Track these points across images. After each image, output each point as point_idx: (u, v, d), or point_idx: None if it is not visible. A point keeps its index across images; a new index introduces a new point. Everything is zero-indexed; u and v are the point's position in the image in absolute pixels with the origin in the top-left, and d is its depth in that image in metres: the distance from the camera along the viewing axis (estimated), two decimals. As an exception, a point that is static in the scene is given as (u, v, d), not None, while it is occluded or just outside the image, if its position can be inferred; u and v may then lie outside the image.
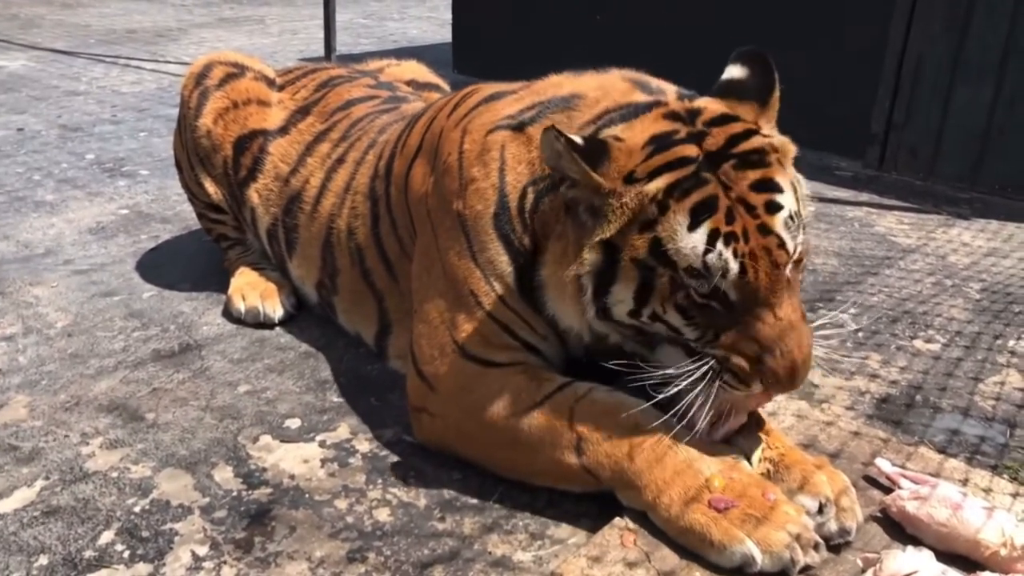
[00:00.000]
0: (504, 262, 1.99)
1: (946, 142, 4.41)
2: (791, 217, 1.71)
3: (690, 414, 1.75)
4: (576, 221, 1.82)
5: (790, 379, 1.68)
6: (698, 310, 1.72)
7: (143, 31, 8.86)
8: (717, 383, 1.73)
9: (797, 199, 1.76)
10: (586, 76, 2.06)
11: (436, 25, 9.81)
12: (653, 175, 1.72)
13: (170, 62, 7.28)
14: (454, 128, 2.16)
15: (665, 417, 1.86)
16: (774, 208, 1.70)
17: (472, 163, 2.05)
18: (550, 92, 2.06)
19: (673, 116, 1.80)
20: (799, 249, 1.72)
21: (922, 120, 4.46)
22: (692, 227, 1.67)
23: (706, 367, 1.73)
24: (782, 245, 1.68)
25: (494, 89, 2.24)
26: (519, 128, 2.02)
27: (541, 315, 1.99)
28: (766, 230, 1.68)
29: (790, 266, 1.70)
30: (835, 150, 4.75)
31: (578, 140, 1.73)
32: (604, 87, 1.97)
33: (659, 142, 1.75)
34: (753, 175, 1.72)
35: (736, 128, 1.78)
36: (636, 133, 1.78)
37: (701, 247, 1.66)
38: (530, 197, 1.96)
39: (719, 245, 1.66)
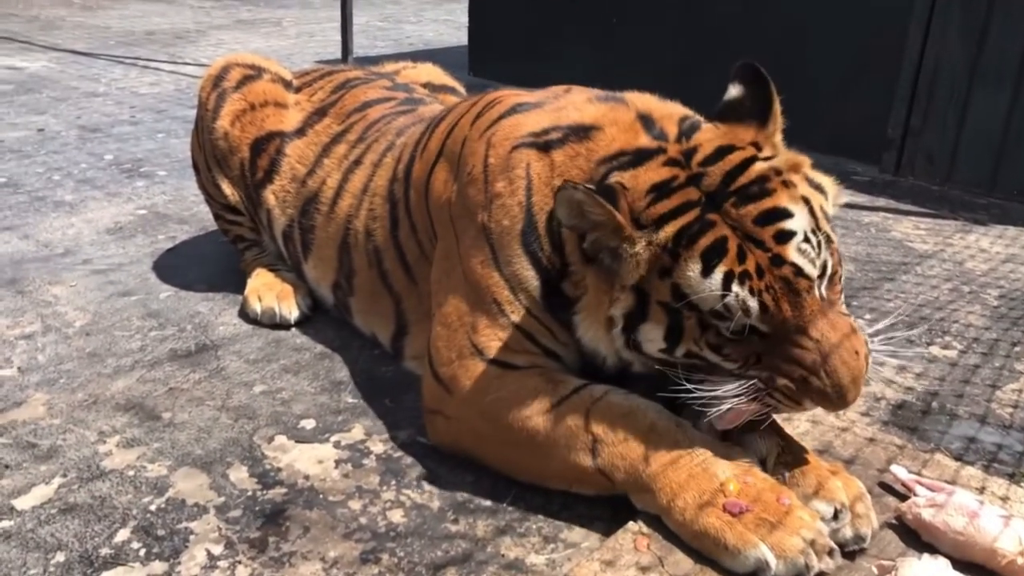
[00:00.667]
0: (530, 276, 2.00)
1: (963, 148, 4.38)
2: (806, 239, 1.69)
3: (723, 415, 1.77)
4: (601, 267, 1.84)
5: (840, 398, 1.67)
6: (733, 345, 1.73)
7: (162, 33, 8.93)
8: (764, 398, 1.74)
9: (813, 214, 1.75)
10: (601, 104, 2.05)
11: (452, 28, 9.83)
12: (660, 222, 1.75)
13: (188, 64, 7.33)
14: (478, 139, 2.17)
15: (681, 420, 1.86)
16: (784, 237, 1.69)
17: (497, 178, 2.06)
18: (573, 116, 2.04)
19: (671, 162, 1.82)
20: (828, 265, 1.71)
21: (939, 126, 4.43)
22: (705, 272, 1.69)
23: (751, 385, 1.73)
24: (799, 272, 1.67)
25: (516, 100, 2.24)
26: (544, 149, 2.02)
27: (563, 325, 2.01)
28: (780, 261, 1.68)
29: (822, 285, 1.70)
30: (852, 155, 4.73)
31: (591, 187, 1.77)
32: (617, 122, 1.97)
33: (659, 189, 1.78)
34: (755, 208, 1.72)
35: (733, 161, 1.78)
36: (639, 181, 1.80)
37: (718, 291, 1.68)
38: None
39: (735, 287, 1.67)
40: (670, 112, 1.99)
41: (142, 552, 1.82)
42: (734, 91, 1.91)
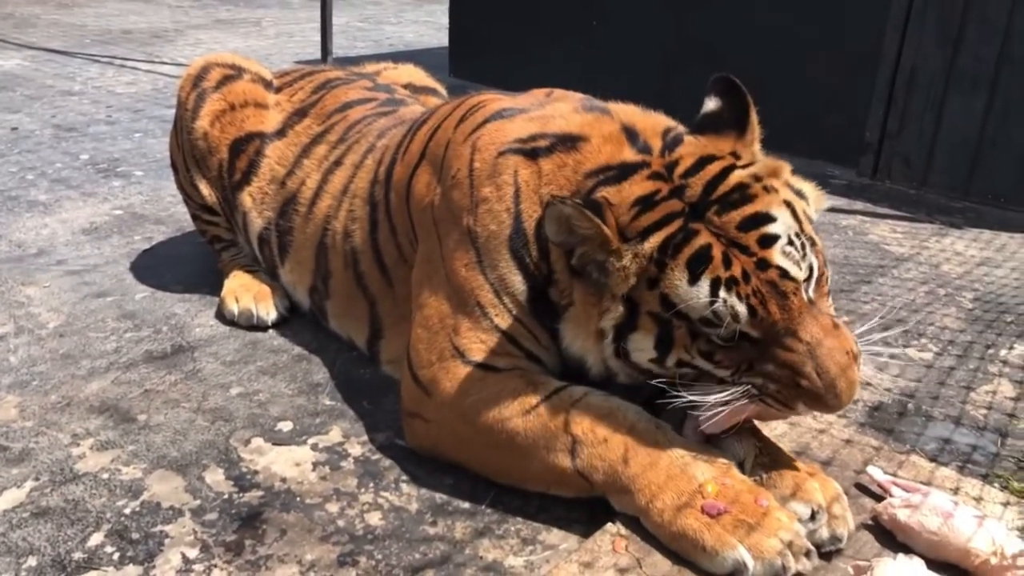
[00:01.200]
0: (517, 281, 2.00)
1: (939, 152, 4.43)
2: (790, 242, 1.72)
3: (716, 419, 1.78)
4: (588, 280, 1.85)
5: (834, 397, 1.66)
6: (724, 352, 1.74)
7: (139, 32, 8.85)
8: (757, 402, 1.74)
9: (796, 218, 1.78)
10: (587, 115, 2.06)
11: (433, 29, 9.82)
12: (645, 234, 1.77)
13: (166, 63, 7.27)
14: (462, 142, 2.17)
15: (660, 422, 1.87)
16: (768, 241, 1.71)
17: (483, 182, 2.06)
18: (559, 124, 2.05)
19: (655, 176, 1.84)
20: (813, 268, 1.73)
21: (916, 130, 4.48)
22: (692, 281, 1.71)
23: (745, 391, 1.74)
24: (785, 275, 1.69)
25: (501, 104, 2.24)
26: (531, 156, 2.03)
27: (547, 330, 2.01)
28: (765, 265, 1.70)
29: (809, 288, 1.72)
30: (829, 159, 4.77)
31: (579, 201, 1.79)
32: (602, 134, 1.98)
33: (644, 203, 1.80)
34: (738, 215, 1.74)
35: (712, 171, 1.81)
36: (624, 196, 1.82)
37: (706, 299, 1.69)
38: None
39: (722, 293, 1.69)
40: (653, 124, 2.01)
41: (116, 556, 1.80)
42: (711, 104, 1.95)
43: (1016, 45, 4.07)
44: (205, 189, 3.00)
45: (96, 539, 1.85)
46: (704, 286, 1.70)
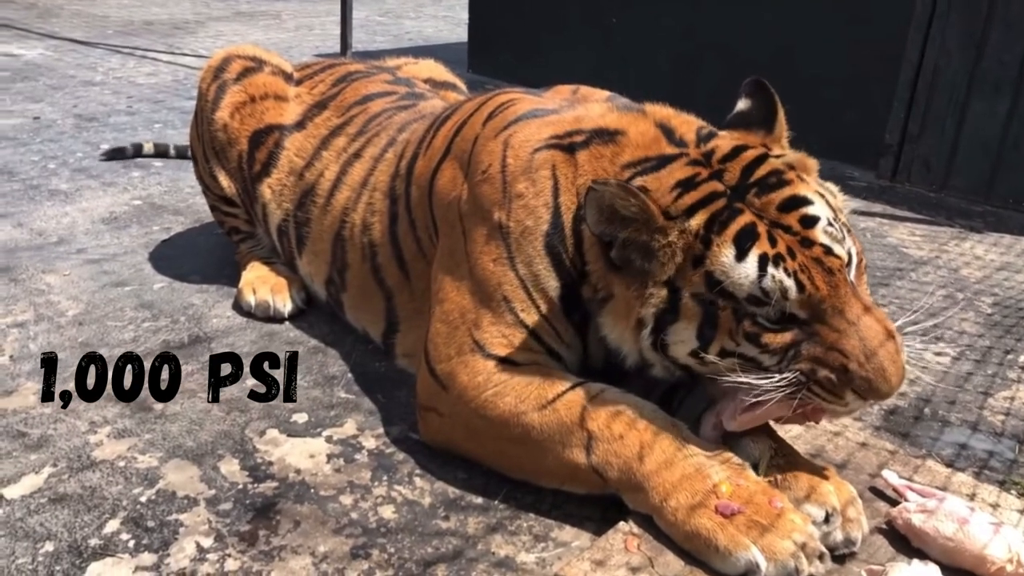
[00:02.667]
0: (551, 277, 2.00)
1: (960, 155, 4.39)
2: (830, 224, 1.74)
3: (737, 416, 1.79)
4: (630, 269, 1.85)
5: (885, 382, 1.64)
6: (771, 335, 1.73)
7: (160, 23, 8.90)
8: (802, 394, 1.71)
9: (830, 206, 1.80)
10: (622, 114, 2.07)
11: (452, 24, 9.82)
12: (691, 211, 1.78)
13: (186, 54, 7.31)
14: (493, 138, 2.16)
15: (676, 420, 1.87)
16: (809, 221, 1.73)
17: (517, 178, 2.06)
18: (596, 121, 2.06)
19: (694, 162, 1.88)
20: (852, 252, 1.75)
21: (937, 132, 4.44)
22: (740, 257, 1.71)
23: (793, 379, 1.71)
24: (829, 252, 1.71)
25: (531, 104, 2.24)
26: (568, 150, 2.03)
27: (573, 326, 2.02)
28: (809, 242, 1.72)
29: (850, 272, 1.73)
30: (849, 160, 4.74)
31: (622, 181, 1.81)
32: (639, 130, 2.00)
33: (685, 184, 1.83)
34: (777, 196, 1.77)
35: (748, 157, 1.85)
36: (663, 182, 1.85)
37: (754, 274, 1.69)
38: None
39: (770, 268, 1.69)
40: (687, 120, 2.04)
41: (131, 543, 1.82)
42: (742, 104, 2.02)
43: (1041, 48, 4.03)
44: (224, 180, 3.01)
45: (112, 526, 1.86)
46: (752, 262, 1.70)
